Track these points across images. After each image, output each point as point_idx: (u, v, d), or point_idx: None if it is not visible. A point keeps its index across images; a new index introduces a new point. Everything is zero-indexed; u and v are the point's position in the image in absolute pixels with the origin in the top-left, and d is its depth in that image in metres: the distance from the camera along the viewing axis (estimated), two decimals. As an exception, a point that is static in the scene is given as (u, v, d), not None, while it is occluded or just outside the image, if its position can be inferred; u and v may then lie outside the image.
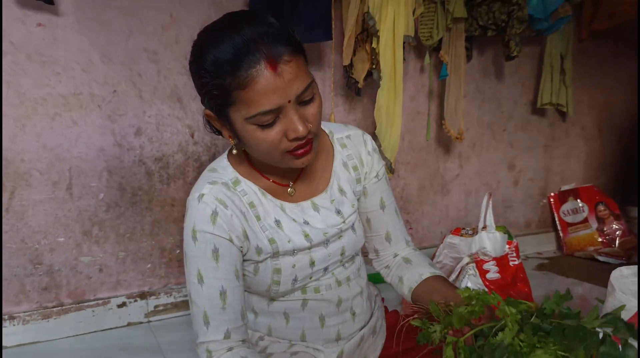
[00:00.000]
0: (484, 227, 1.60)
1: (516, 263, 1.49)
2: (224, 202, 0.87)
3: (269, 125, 0.80)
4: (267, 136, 0.81)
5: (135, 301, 1.56)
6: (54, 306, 1.46)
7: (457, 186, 2.19)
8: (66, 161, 1.44)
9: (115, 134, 1.48)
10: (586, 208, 2.47)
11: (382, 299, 1.22)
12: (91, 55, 1.44)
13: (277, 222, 0.92)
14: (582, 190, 2.50)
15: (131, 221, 1.54)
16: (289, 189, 0.95)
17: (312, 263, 0.95)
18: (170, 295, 1.61)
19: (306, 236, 0.93)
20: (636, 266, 0.93)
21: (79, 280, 1.49)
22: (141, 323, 1.58)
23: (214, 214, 0.86)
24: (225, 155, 0.95)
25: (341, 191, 1.00)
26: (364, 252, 1.10)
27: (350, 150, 1.01)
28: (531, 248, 2.42)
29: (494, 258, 1.47)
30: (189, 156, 1.61)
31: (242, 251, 0.90)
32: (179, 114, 1.57)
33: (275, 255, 0.91)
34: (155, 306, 1.59)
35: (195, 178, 1.17)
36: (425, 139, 2.05)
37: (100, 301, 1.51)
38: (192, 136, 1.60)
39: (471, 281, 1.43)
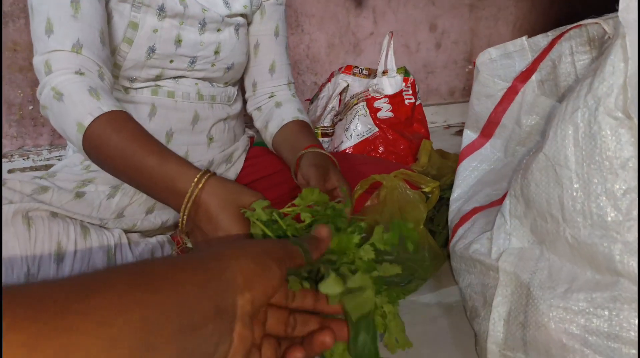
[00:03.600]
0: (385, 72, 1.43)
1: (412, 101, 1.34)
2: None
3: None
4: None
5: (-19, 164, 1.35)
6: None
7: (371, 46, 1.99)
8: None
9: None
10: (512, 74, 2.34)
11: (252, 139, 1.08)
12: None
13: None
14: (509, 55, 2.36)
15: (-40, 68, 1.28)
16: None
17: (179, 42, 0.80)
18: (28, 158, 1.40)
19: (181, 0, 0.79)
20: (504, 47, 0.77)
21: None
22: (-6, 189, 1.38)
23: None
24: None
25: None
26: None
27: None
28: (455, 117, 2.30)
29: (387, 96, 1.31)
30: (29, -10, 1.32)
31: None
32: None
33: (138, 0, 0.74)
34: (10, 171, 1.39)
35: None
36: (332, -12, 1.82)
37: None
38: (29, -37, 1.31)
39: (361, 122, 1.28)
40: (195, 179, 0.60)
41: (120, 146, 0.63)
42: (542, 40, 0.74)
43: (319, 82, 1.88)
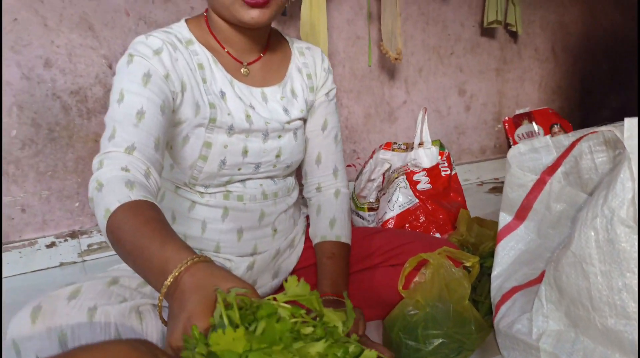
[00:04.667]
0: (421, 143, 1.56)
1: (448, 172, 1.46)
2: (175, 46, 0.87)
3: None
4: None
5: (66, 241, 1.52)
6: (-24, 249, 1.43)
7: (405, 113, 2.14)
8: (-29, 97, 1.37)
9: (21, 66, 1.41)
10: (541, 131, 2.44)
11: (308, 217, 1.20)
12: (-15, -19, 1.34)
13: (222, 94, 0.91)
14: (537, 113, 2.47)
15: (51, 159, 1.48)
16: (243, 69, 0.95)
17: (245, 152, 0.93)
18: (104, 234, 1.58)
19: (247, 116, 0.92)
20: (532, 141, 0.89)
21: (1, 221, 1.45)
22: (75, 263, 1.54)
23: (159, 50, 0.84)
24: (183, 20, 0.94)
25: (293, 93, 1.01)
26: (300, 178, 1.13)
27: (307, 59, 1.04)
28: (488, 174, 2.40)
29: (425, 169, 1.43)
30: (109, 89, 1.53)
31: (173, 99, 0.85)
32: (92, 44, 1.49)
33: (212, 122, 0.88)
34: (89, 245, 1.56)
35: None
36: (367, 65, 1.99)
37: (26, 242, 1.47)
38: (110, 67, 1.53)
39: (402, 194, 1.40)
40: (184, 261, 0.58)
41: (132, 229, 0.64)
42: (564, 139, 0.86)
43: (358, 149, 2.03)
